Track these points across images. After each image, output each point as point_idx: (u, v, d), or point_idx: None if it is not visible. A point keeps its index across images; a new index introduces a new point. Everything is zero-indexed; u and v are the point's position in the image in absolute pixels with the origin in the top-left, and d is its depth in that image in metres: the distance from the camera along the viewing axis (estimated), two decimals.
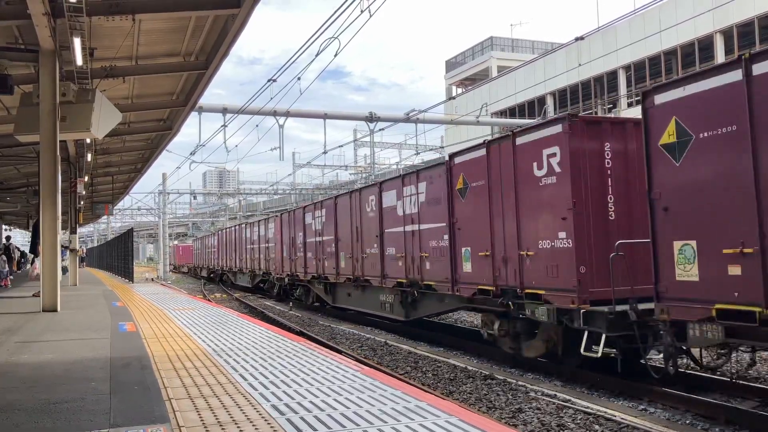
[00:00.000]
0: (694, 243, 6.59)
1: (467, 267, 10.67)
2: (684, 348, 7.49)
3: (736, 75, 6.33)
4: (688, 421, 6.97)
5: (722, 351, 7.50)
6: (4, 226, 43.13)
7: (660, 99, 7.03)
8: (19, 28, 10.44)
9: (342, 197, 17.01)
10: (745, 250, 6.06)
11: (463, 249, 10.78)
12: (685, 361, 8.42)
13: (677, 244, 6.75)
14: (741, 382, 8.04)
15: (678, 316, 6.83)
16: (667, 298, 6.89)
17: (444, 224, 11.39)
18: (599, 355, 7.79)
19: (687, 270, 6.66)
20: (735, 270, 6.23)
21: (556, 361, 9.32)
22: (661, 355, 7.59)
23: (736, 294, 6.24)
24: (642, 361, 7.89)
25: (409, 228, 12.81)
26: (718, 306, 6.40)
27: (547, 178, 8.80)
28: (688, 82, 6.75)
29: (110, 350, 6.78)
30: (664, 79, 32.21)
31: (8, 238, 28.61)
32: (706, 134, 6.50)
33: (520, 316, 9.36)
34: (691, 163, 6.64)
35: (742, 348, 7.76)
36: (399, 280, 13.22)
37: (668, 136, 6.90)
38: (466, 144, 15.32)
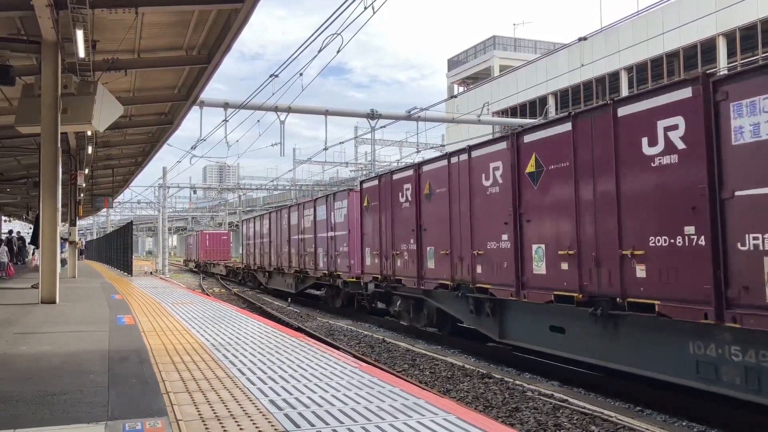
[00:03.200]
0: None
1: None
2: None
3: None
4: (684, 423, 6.98)
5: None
6: (3, 218, 43.13)
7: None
8: (21, 19, 10.42)
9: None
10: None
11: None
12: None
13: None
14: None
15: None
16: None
17: None
18: None
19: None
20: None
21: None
22: None
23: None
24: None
25: None
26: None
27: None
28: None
29: (108, 343, 6.79)
30: (666, 81, 32.24)
31: (10, 231, 28.64)
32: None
33: None
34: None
35: None
36: None
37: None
38: (463, 143, 15.57)
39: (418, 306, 13.15)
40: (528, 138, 9.36)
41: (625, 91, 35.01)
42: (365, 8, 10.83)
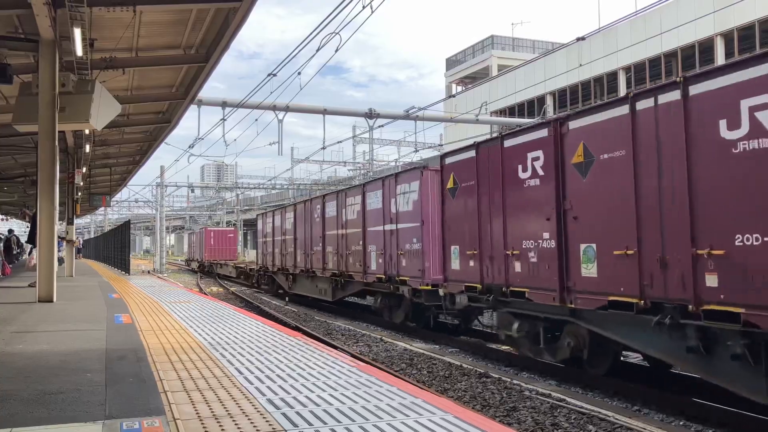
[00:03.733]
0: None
1: None
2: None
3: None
4: (681, 423, 7.00)
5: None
6: (0, 216, 43.07)
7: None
8: (19, 17, 10.39)
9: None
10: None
11: None
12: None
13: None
14: None
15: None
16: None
17: None
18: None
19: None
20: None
21: None
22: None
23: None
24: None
25: None
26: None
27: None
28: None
29: (106, 342, 6.78)
30: (664, 81, 32.28)
31: (10, 231, 28.58)
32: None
33: None
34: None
35: None
36: None
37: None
38: (460, 143, 15.43)
39: (553, 330, 9.19)
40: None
41: (623, 92, 35.03)
42: (363, 7, 10.83)
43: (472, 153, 10.57)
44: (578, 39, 18.13)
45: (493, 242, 9.87)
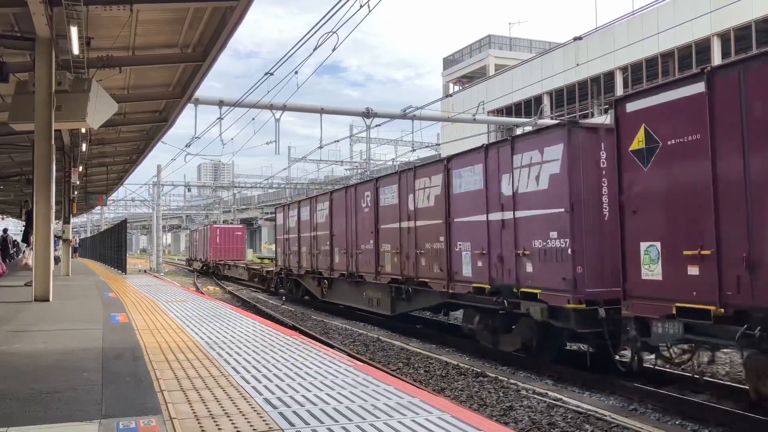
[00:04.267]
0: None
1: None
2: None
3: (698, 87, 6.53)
4: (678, 422, 7.01)
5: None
6: None
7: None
8: (15, 15, 10.36)
9: None
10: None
11: None
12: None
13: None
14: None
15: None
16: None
17: None
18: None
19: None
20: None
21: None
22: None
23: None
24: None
25: None
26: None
27: None
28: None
29: (102, 341, 6.76)
30: (660, 80, 32.33)
31: (5, 230, 28.50)
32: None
33: None
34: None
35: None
36: None
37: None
38: (460, 142, 15.13)
39: None
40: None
41: (620, 92, 35.09)
42: (361, 6, 10.83)
43: (698, 87, 6.77)
44: (575, 39, 18.15)
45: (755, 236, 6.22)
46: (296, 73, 16.52)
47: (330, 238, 17.79)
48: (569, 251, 8.76)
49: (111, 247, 29.39)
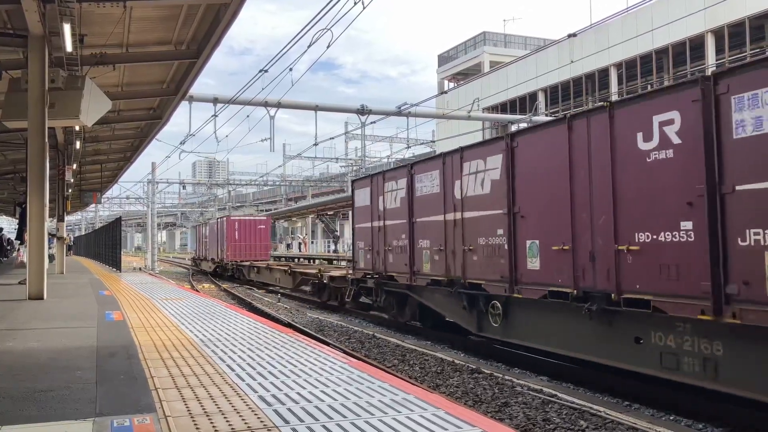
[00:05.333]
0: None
1: None
2: None
3: None
4: (672, 418, 7.04)
5: None
6: None
7: None
8: (8, 12, 10.32)
9: None
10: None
11: None
12: None
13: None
14: None
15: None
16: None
17: None
18: None
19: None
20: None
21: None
22: None
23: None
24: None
25: None
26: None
27: None
28: None
29: (97, 339, 6.75)
30: (655, 78, 32.51)
31: (0, 229, 28.40)
32: None
33: None
34: None
35: None
36: None
37: None
38: (458, 139, 14.67)
39: None
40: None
41: (614, 88, 35.15)
42: (355, 3, 10.81)
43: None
44: (570, 36, 18.18)
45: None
46: (291, 70, 16.52)
47: (513, 221, 9.40)
48: None
49: (105, 244, 29.32)
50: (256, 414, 3.82)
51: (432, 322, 13.01)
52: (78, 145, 18.81)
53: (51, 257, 20.23)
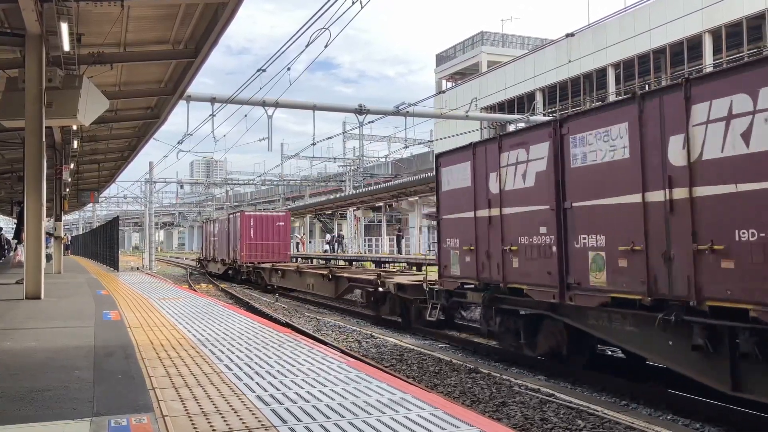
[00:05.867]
0: None
1: None
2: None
3: None
4: (669, 417, 7.05)
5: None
6: None
7: None
8: (5, 11, 10.29)
9: None
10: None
11: None
12: None
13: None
14: None
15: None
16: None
17: None
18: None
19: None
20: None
21: None
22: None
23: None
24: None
25: None
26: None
27: None
28: None
29: (94, 339, 6.74)
30: (653, 78, 32.53)
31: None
32: None
33: None
34: None
35: None
36: None
37: None
38: (454, 139, 14.99)
39: None
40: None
41: (612, 88, 35.20)
42: (353, 2, 10.81)
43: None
44: (567, 35, 18.19)
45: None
46: (289, 69, 16.50)
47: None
48: None
49: (103, 244, 29.26)
50: (253, 413, 3.81)
51: (588, 355, 9.07)
52: (75, 144, 18.79)
53: (48, 257, 20.19)
